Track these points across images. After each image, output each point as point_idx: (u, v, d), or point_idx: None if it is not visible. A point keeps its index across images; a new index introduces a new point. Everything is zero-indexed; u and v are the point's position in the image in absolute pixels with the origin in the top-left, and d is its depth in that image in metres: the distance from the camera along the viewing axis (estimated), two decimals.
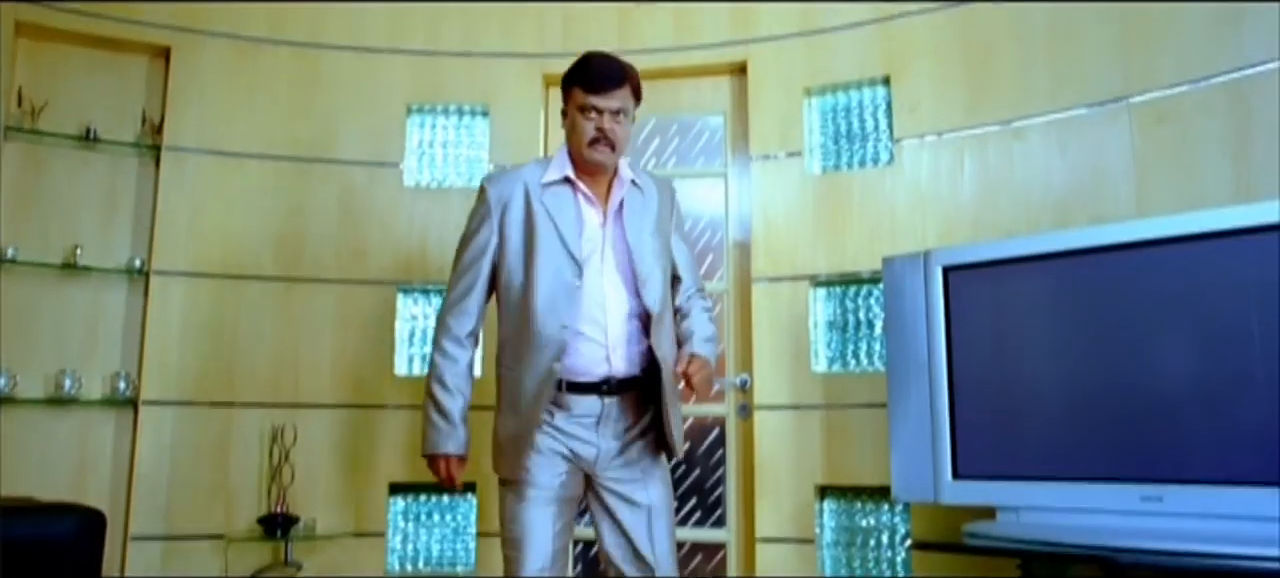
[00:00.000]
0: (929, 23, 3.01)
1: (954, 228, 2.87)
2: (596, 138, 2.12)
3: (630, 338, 2.13)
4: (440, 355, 2.16)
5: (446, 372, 2.15)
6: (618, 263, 2.14)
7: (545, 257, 2.09)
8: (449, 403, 2.13)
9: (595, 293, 2.10)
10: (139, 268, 3.04)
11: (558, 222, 2.11)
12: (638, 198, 2.22)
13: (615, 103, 2.12)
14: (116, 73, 3.15)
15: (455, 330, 2.16)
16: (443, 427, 2.14)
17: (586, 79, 2.13)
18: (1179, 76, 2.56)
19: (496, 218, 2.16)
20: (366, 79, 3.29)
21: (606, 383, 2.10)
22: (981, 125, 2.89)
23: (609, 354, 2.09)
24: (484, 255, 2.17)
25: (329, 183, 3.21)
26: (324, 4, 3.29)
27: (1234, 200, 2.38)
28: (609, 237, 2.15)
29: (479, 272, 2.17)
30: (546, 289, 2.07)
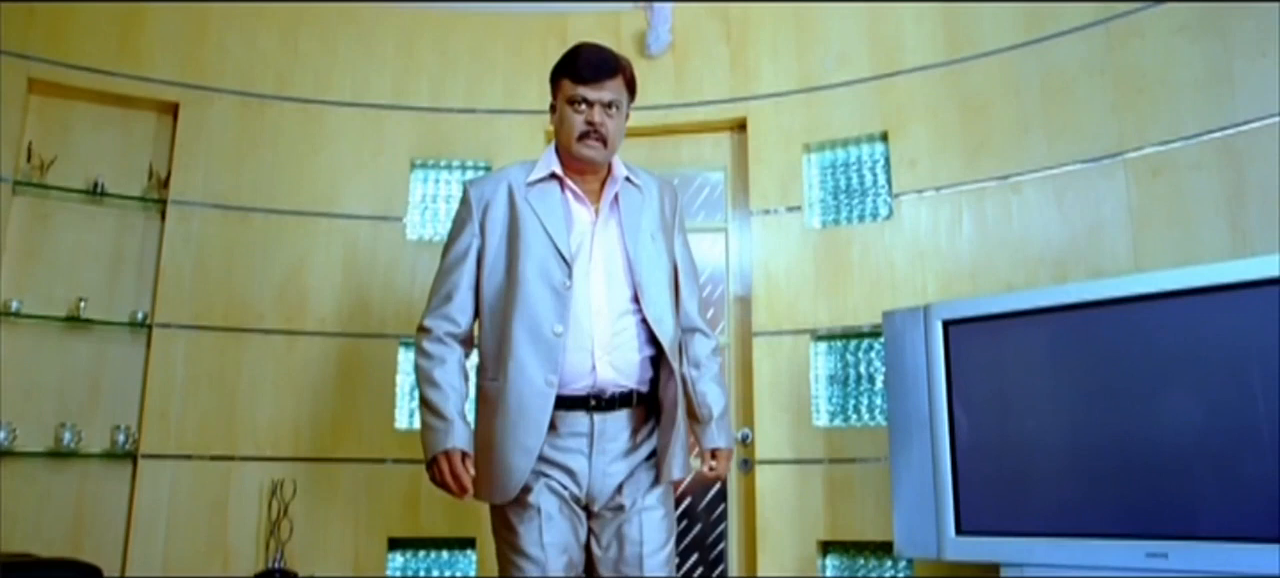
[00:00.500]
0: (926, 80, 3.06)
1: (953, 281, 2.89)
2: (586, 132, 1.93)
3: (620, 344, 1.90)
4: (423, 358, 1.94)
5: (433, 370, 1.92)
6: (608, 264, 1.93)
7: (531, 256, 1.89)
8: (440, 400, 1.89)
9: (581, 294, 1.89)
10: (142, 321, 3.05)
11: (544, 219, 1.92)
12: (635, 196, 2.02)
13: (607, 94, 1.95)
14: (124, 128, 3.19)
15: (435, 330, 1.95)
16: (438, 425, 1.88)
17: (575, 68, 1.96)
18: (1172, 133, 2.60)
19: (478, 220, 1.98)
20: (371, 135, 3.34)
21: (594, 398, 1.88)
22: (979, 180, 2.92)
23: (594, 361, 1.87)
24: (465, 260, 1.98)
25: (332, 237, 3.24)
26: (331, 61, 3.35)
27: (1230, 254, 2.40)
28: (600, 236, 1.95)
29: (460, 276, 1.97)
30: (532, 291, 1.87)
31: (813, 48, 3.25)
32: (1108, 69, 2.75)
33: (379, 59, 3.39)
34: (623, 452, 1.91)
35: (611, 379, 1.89)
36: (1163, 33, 2.66)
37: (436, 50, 3.42)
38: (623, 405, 1.90)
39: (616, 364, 1.89)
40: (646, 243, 1.97)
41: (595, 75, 1.94)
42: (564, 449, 1.88)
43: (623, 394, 1.90)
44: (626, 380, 1.91)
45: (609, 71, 1.96)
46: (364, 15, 3.40)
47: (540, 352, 1.85)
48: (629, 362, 1.91)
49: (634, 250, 1.94)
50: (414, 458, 3.13)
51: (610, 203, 1.99)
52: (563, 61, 2.01)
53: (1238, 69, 2.51)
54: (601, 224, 1.96)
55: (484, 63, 3.42)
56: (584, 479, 1.88)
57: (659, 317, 1.92)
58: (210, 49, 3.25)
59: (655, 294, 1.94)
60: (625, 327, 1.91)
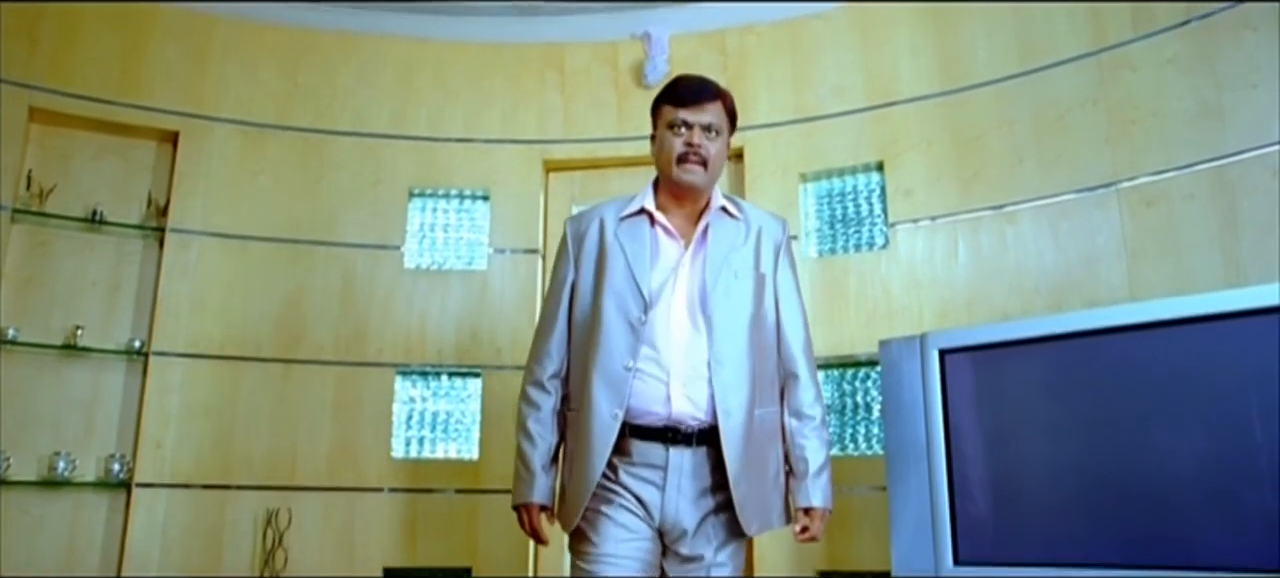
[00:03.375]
0: (921, 110, 3.08)
1: (949, 310, 2.90)
2: (685, 154, 1.89)
3: (700, 378, 1.84)
4: (523, 403, 1.97)
5: (528, 419, 1.95)
6: (691, 297, 1.88)
7: (612, 291, 1.89)
8: (529, 451, 1.92)
9: (661, 327, 1.85)
10: (138, 349, 3.05)
11: (629, 254, 1.91)
12: (728, 227, 1.96)
13: (707, 116, 1.92)
14: (124, 156, 3.21)
15: (537, 374, 1.97)
16: (524, 476, 1.92)
17: (675, 93, 1.94)
18: (1165, 163, 2.62)
19: (573, 253, 2.00)
20: (370, 164, 3.35)
21: (671, 431, 1.83)
22: (975, 210, 2.94)
23: (670, 393, 1.82)
24: (561, 293, 1.99)
25: (330, 265, 3.24)
26: (331, 92, 3.38)
27: (1224, 284, 2.41)
28: (686, 270, 1.90)
29: (558, 311, 1.98)
30: (610, 325, 1.86)
31: (809, 78, 3.28)
32: (1100, 100, 2.78)
33: (378, 89, 3.41)
34: (697, 493, 1.84)
35: (688, 412, 1.83)
36: (1153, 65, 2.69)
37: (435, 80, 3.45)
38: (701, 443, 1.84)
39: (693, 397, 1.84)
40: (728, 279, 1.90)
41: (696, 98, 1.92)
42: (638, 477, 1.85)
43: (701, 429, 1.84)
44: (702, 414, 1.84)
45: (709, 95, 1.94)
46: (364, 46, 3.43)
47: (611, 385, 1.84)
48: (704, 395, 1.84)
49: (710, 286, 1.88)
50: (410, 488, 3.12)
51: (701, 235, 1.93)
52: (663, 90, 1.99)
53: (1228, 100, 2.54)
54: (689, 257, 1.91)
55: (482, 93, 3.45)
56: (657, 511, 1.84)
57: (720, 357, 1.85)
58: (211, 79, 3.27)
59: (723, 334, 1.86)
60: (702, 362, 1.85)
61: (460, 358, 3.23)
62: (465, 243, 3.43)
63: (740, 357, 1.87)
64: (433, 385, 3.28)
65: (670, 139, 1.92)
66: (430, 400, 3.28)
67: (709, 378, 1.84)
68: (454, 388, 3.29)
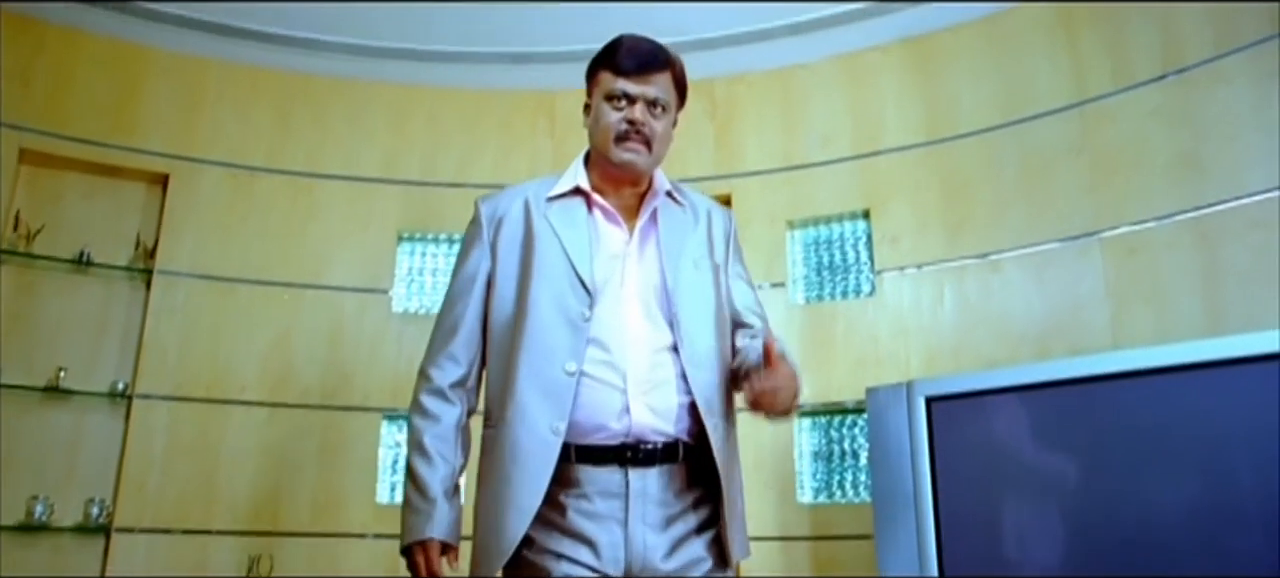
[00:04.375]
0: (906, 159, 3.12)
1: (936, 358, 2.91)
2: (625, 131, 1.62)
3: (663, 383, 1.55)
4: (417, 415, 1.62)
5: (425, 434, 1.58)
6: (645, 292, 1.61)
7: (545, 282, 1.59)
8: (425, 473, 1.56)
9: (611, 323, 1.56)
10: (122, 391, 3.02)
11: (565, 240, 1.62)
12: (676, 214, 1.72)
13: (652, 90, 1.63)
14: (113, 198, 3.21)
15: (436, 381, 1.63)
16: (419, 506, 1.56)
17: (615, 59, 1.64)
18: (1146, 213, 2.66)
19: (488, 238, 1.70)
20: (360, 207, 3.36)
21: (630, 450, 1.51)
22: (960, 258, 2.96)
23: (628, 401, 1.52)
24: (473, 286, 1.67)
25: (319, 308, 3.24)
26: (322, 135, 3.40)
27: (1206, 332, 2.43)
28: (635, 260, 1.64)
29: (467, 306, 1.66)
30: (543, 322, 1.56)
31: (796, 126, 3.32)
32: (1083, 150, 2.82)
33: (370, 133, 3.44)
34: (666, 519, 1.53)
35: (649, 425, 1.52)
36: (1134, 116, 2.74)
37: (427, 125, 3.48)
38: (665, 459, 1.53)
39: (655, 407, 1.53)
40: (688, 270, 1.65)
41: (641, 67, 1.63)
42: (589, 515, 1.50)
43: (666, 445, 1.54)
44: (668, 426, 1.54)
45: (656, 64, 1.64)
46: (356, 90, 3.46)
47: (547, 394, 1.51)
48: (669, 405, 1.55)
49: (672, 278, 1.61)
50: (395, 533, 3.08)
51: (648, 222, 1.68)
52: (601, 52, 1.69)
53: (1206, 152, 2.58)
54: (636, 246, 1.65)
55: (474, 138, 3.48)
56: (617, 553, 1.49)
57: (695, 357, 1.58)
58: (203, 121, 3.29)
59: (694, 330, 1.60)
60: (664, 364, 1.56)
61: None
62: None
63: (713, 355, 1.62)
64: None
65: (608, 113, 1.64)
66: None
67: (683, 382, 1.56)
68: None
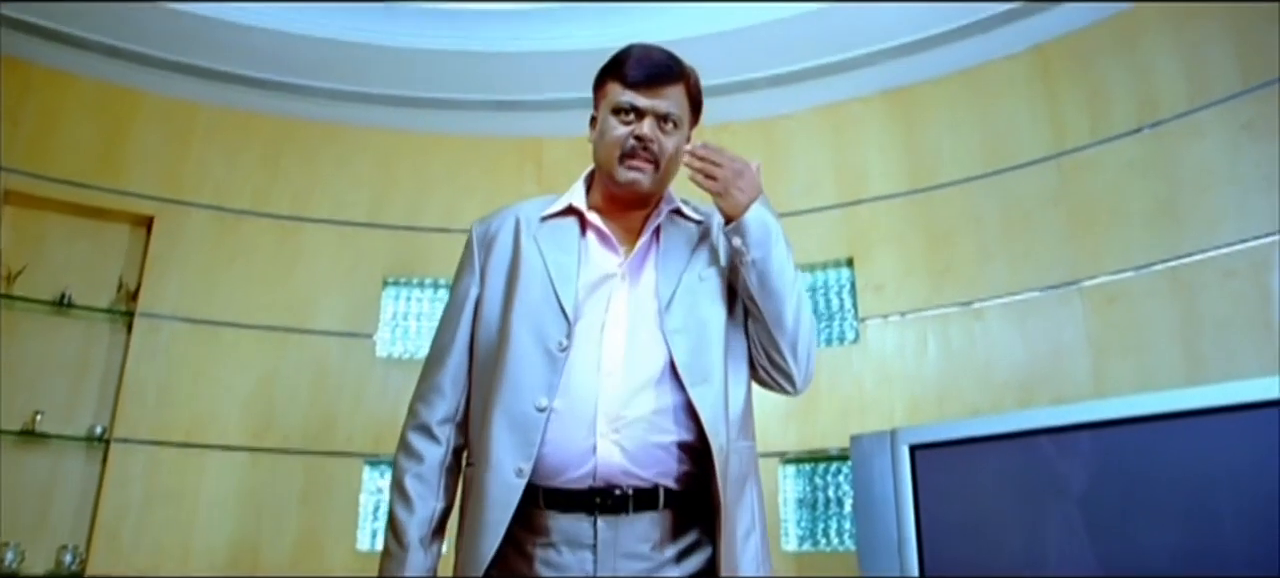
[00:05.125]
0: (890, 208, 3.16)
1: (920, 405, 2.92)
2: (632, 149, 1.48)
3: (637, 422, 1.38)
4: (401, 454, 1.49)
5: (406, 475, 1.46)
6: (635, 318, 1.45)
7: (524, 310, 1.45)
8: (404, 519, 1.43)
9: (588, 354, 1.42)
10: (100, 435, 2.98)
11: (549, 262, 1.48)
12: (684, 230, 1.55)
13: (663, 104, 1.49)
14: (96, 239, 3.20)
15: (422, 417, 1.50)
16: (394, 553, 1.44)
17: (624, 69, 1.50)
18: (1125, 262, 2.69)
19: (479, 263, 1.57)
20: (346, 251, 3.36)
21: (599, 495, 1.36)
22: (943, 306, 2.99)
23: (597, 439, 1.36)
24: (461, 313, 1.54)
25: (303, 352, 3.22)
26: (310, 180, 3.41)
27: (1185, 381, 2.45)
28: (626, 285, 1.48)
29: (455, 337, 1.53)
30: (519, 353, 1.42)
31: (781, 175, 3.35)
32: (1063, 200, 2.86)
33: (357, 178, 3.45)
34: (646, 574, 1.37)
35: (619, 466, 1.36)
36: (1112, 168, 2.79)
37: (414, 171, 3.49)
38: (641, 507, 1.36)
39: (627, 446, 1.37)
40: (693, 283, 1.49)
41: (651, 79, 1.49)
42: (556, 567, 1.36)
43: (639, 492, 1.36)
44: (643, 470, 1.37)
45: (668, 75, 1.51)
46: (344, 136, 3.48)
47: (515, 431, 1.38)
48: (645, 444, 1.38)
49: (667, 294, 1.46)
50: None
51: (648, 241, 1.52)
52: (610, 61, 1.55)
53: (1182, 203, 2.63)
54: (630, 269, 1.49)
55: (460, 184, 3.49)
56: None
57: (697, 373, 1.41)
58: (191, 164, 3.29)
59: (695, 345, 1.43)
60: (648, 400, 1.39)
61: None
62: None
63: (718, 374, 1.44)
64: None
65: (614, 127, 1.50)
66: None
67: (676, 415, 1.40)
68: None
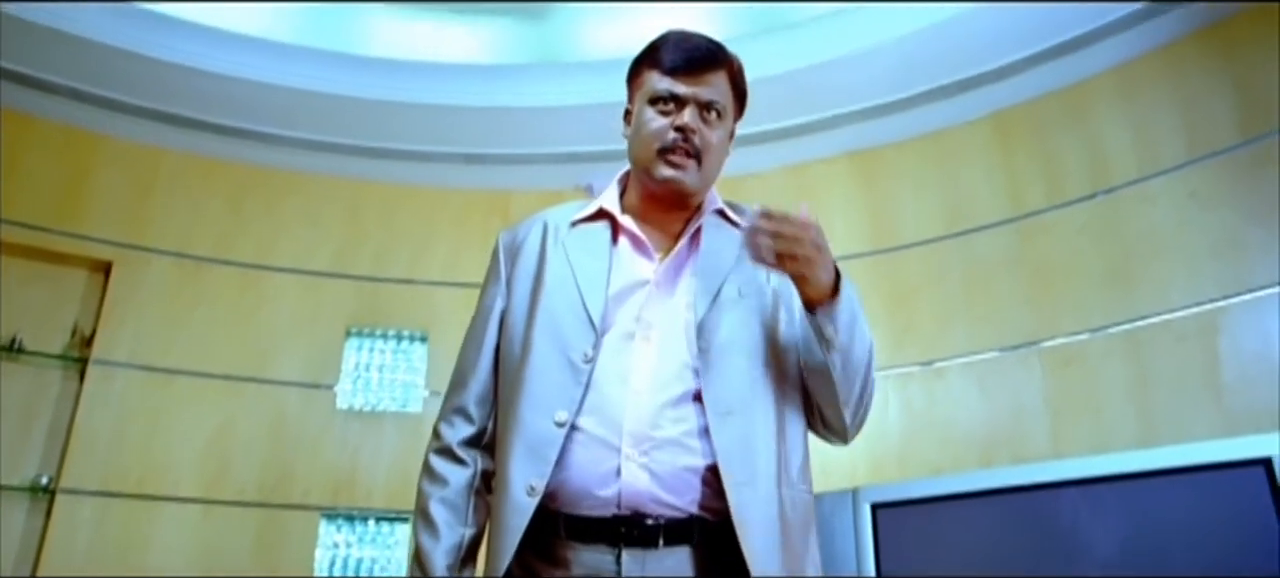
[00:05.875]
0: (854, 267, 3.18)
1: (882, 463, 2.93)
2: (672, 142, 1.34)
3: (672, 444, 1.22)
4: (424, 478, 1.36)
5: (430, 500, 1.32)
6: (669, 329, 1.30)
7: (547, 318, 1.32)
8: (429, 548, 1.29)
9: (616, 366, 1.27)
10: (45, 486, 2.89)
11: (577, 269, 1.35)
12: (725, 235, 1.39)
13: (707, 91, 1.35)
14: (51, 284, 3.14)
15: (446, 438, 1.37)
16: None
17: (663, 56, 1.37)
18: (1080, 325, 2.75)
19: (505, 273, 1.45)
20: (309, 301, 3.33)
21: (625, 525, 1.19)
22: (905, 365, 3.02)
23: (621, 461, 1.21)
24: (487, 327, 1.43)
25: (261, 402, 3.17)
26: (275, 227, 3.38)
27: (1138, 441, 2.50)
28: (660, 294, 1.33)
29: (481, 352, 1.42)
30: (541, 364, 1.30)
31: None
32: (1021, 263, 2.93)
33: (323, 227, 3.43)
34: None
35: (646, 492, 1.20)
36: (1067, 232, 2.86)
37: (380, 220, 3.49)
38: (673, 540, 1.20)
39: (656, 470, 1.21)
40: (731, 297, 1.32)
41: (694, 65, 1.35)
42: None
43: (672, 522, 1.20)
44: (675, 498, 1.20)
45: (711, 61, 1.36)
46: (310, 184, 3.47)
47: (531, 447, 1.24)
48: (677, 469, 1.21)
49: (703, 308, 1.30)
50: None
51: (686, 247, 1.38)
52: (645, 49, 1.41)
53: (1134, 268, 2.70)
54: (665, 276, 1.35)
55: (426, 235, 3.49)
56: None
57: (724, 404, 1.24)
58: (152, 209, 3.26)
59: (726, 371, 1.27)
60: (681, 419, 1.24)
61: (389, 502, 3.13)
62: (401, 384, 3.39)
63: (755, 404, 1.27)
64: (359, 530, 3.17)
65: (652, 119, 1.36)
66: (355, 546, 3.15)
67: (705, 436, 1.23)
68: (381, 533, 3.18)
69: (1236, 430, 2.29)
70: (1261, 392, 2.36)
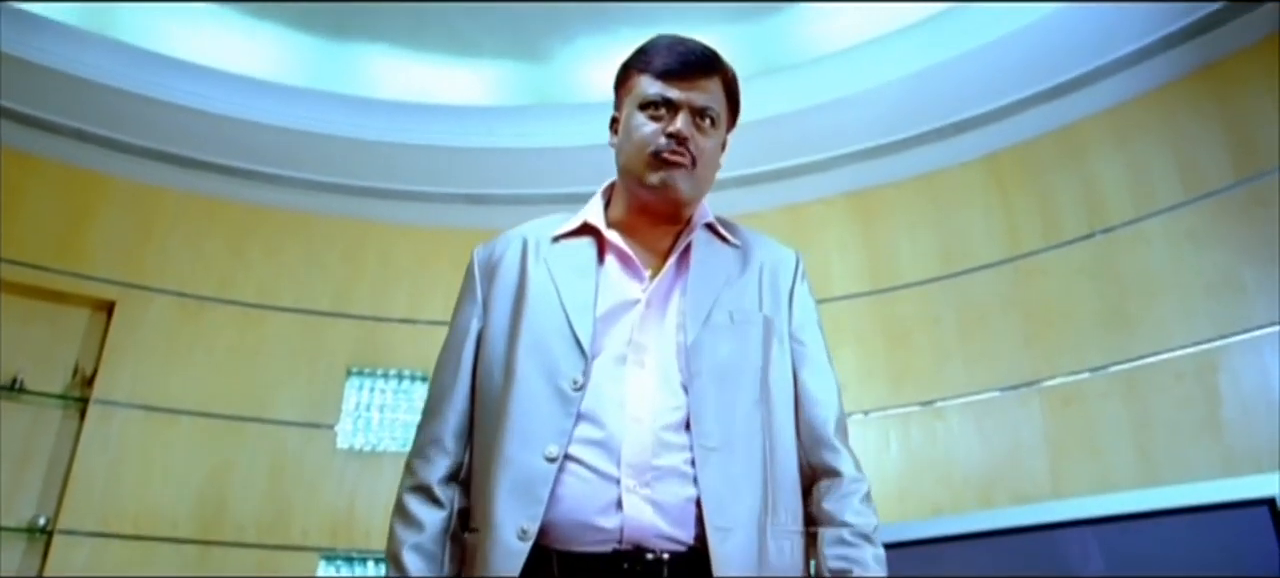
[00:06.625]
0: (852, 307, 3.22)
1: (882, 503, 2.87)
2: (665, 148, 1.27)
3: (675, 474, 1.16)
4: (398, 522, 1.27)
5: (403, 543, 1.24)
6: (660, 351, 1.23)
7: (532, 342, 1.24)
8: None
9: (609, 393, 1.20)
10: (42, 527, 2.88)
11: (561, 287, 1.27)
12: (718, 255, 1.33)
13: (701, 97, 1.29)
14: (54, 323, 3.14)
15: (421, 476, 1.26)
16: None
17: (654, 59, 1.31)
18: (1079, 364, 2.76)
19: (481, 292, 1.35)
20: (310, 341, 3.34)
21: (628, 560, 1.12)
22: (904, 405, 3.02)
23: (621, 496, 1.14)
24: (462, 352, 1.32)
25: (261, 442, 3.16)
26: (276, 268, 3.40)
27: (1139, 481, 2.50)
28: (653, 308, 1.26)
29: (456, 377, 1.30)
30: (527, 393, 1.21)
31: None
32: (1018, 303, 2.94)
33: (323, 267, 3.45)
34: None
35: (650, 526, 1.13)
36: (1063, 273, 2.88)
37: (380, 261, 3.50)
38: (678, 576, 1.13)
39: (662, 502, 1.14)
40: (722, 322, 1.25)
41: (688, 68, 1.29)
42: None
43: (676, 557, 1.13)
44: (681, 531, 1.14)
45: (706, 66, 1.31)
46: (311, 224, 3.49)
47: (519, 486, 1.16)
48: (682, 500, 1.15)
49: (694, 331, 1.23)
50: None
51: (677, 263, 1.30)
52: (634, 53, 1.35)
53: (1132, 308, 2.72)
54: (656, 296, 1.27)
55: (427, 275, 3.51)
56: None
57: (710, 437, 1.18)
58: (154, 249, 3.27)
59: (713, 404, 1.20)
60: (683, 447, 1.18)
61: None
62: (401, 424, 3.38)
63: (743, 440, 1.20)
64: (358, 571, 3.15)
65: (642, 125, 1.29)
66: None
67: (693, 471, 1.16)
68: (380, 575, 3.16)
69: (1238, 470, 2.29)
70: (1262, 431, 2.37)
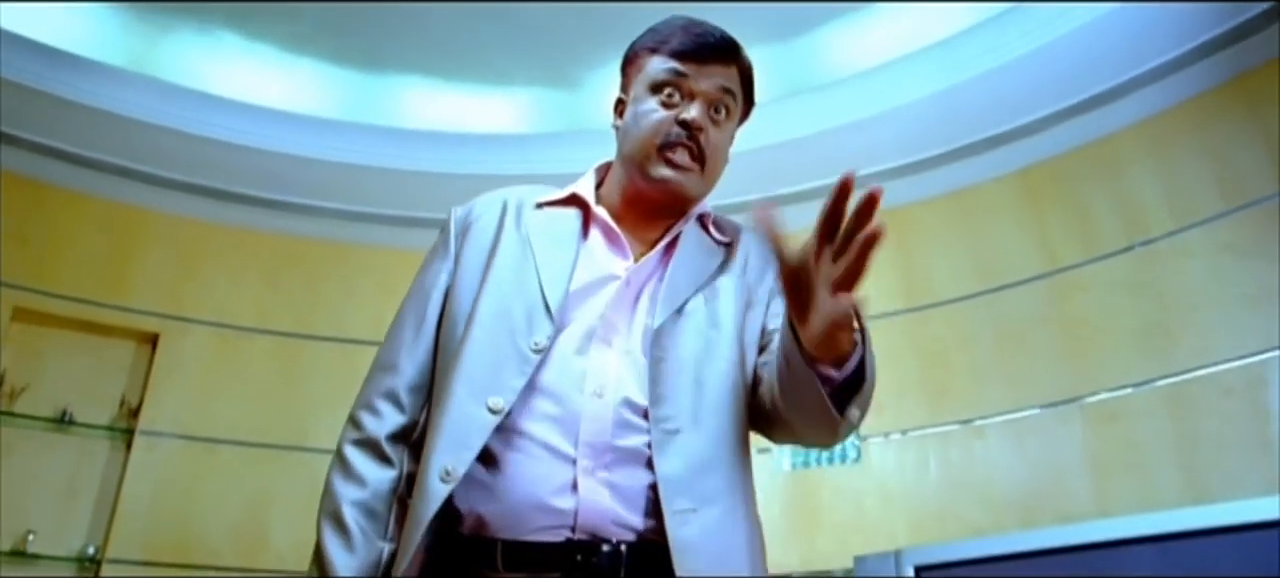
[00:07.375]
0: (888, 326, 3.20)
1: (922, 524, 2.89)
2: (676, 138, 1.19)
3: (634, 457, 1.07)
4: (337, 475, 1.17)
5: (341, 497, 1.13)
6: (631, 334, 1.15)
7: (496, 296, 1.15)
8: (340, 560, 1.10)
9: (571, 367, 1.11)
10: (92, 556, 2.93)
11: (539, 254, 1.18)
12: (703, 246, 1.24)
13: (717, 83, 1.21)
14: (99, 356, 3.21)
15: (369, 428, 1.18)
16: None
17: (669, 38, 1.22)
18: (1122, 380, 2.71)
19: (454, 247, 1.26)
20: (348, 369, 3.34)
21: (581, 550, 1.02)
22: (942, 424, 2.99)
23: (576, 478, 1.04)
24: (427, 303, 1.23)
25: (301, 471, 3.20)
26: (313, 298, 3.45)
27: (1185, 499, 2.45)
28: (628, 290, 1.18)
29: (421, 330, 1.22)
30: (479, 340, 1.12)
31: None
32: (1055, 319, 2.90)
33: (359, 296, 3.49)
34: None
35: (608, 512, 1.04)
36: (1102, 287, 2.84)
37: None
38: (636, 569, 1.02)
39: (620, 486, 1.05)
40: (694, 313, 1.16)
41: (702, 50, 1.20)
42: None
43: (633, 547, 1.03)
44: (641, 519, 1.05)
45: (725, 52, 1.22)
46: (347, 254, 3.54)
47: (453, 428, 1.07)
48: (644, 486, 1.06)
49: (660, 313, 1.15)
50: None
51: (663, 251, 1.23)
52: (648, 32, 1.26)
53: (1173, 322, 2.67)
54: (637, 277, 1.19)
55: None
56: None
57: (672, 418, 1.09)
58: (194, 281, 3.34)
59: (678, 384, 1.11)
60: (646, 431, 1.09)
61: None
62: None
63: (706, 426, 1.11)
64: None
65: (653, 109, 1.20)
66: None
67: (650, 453, 1.07)
68: None
69: None
70: None
